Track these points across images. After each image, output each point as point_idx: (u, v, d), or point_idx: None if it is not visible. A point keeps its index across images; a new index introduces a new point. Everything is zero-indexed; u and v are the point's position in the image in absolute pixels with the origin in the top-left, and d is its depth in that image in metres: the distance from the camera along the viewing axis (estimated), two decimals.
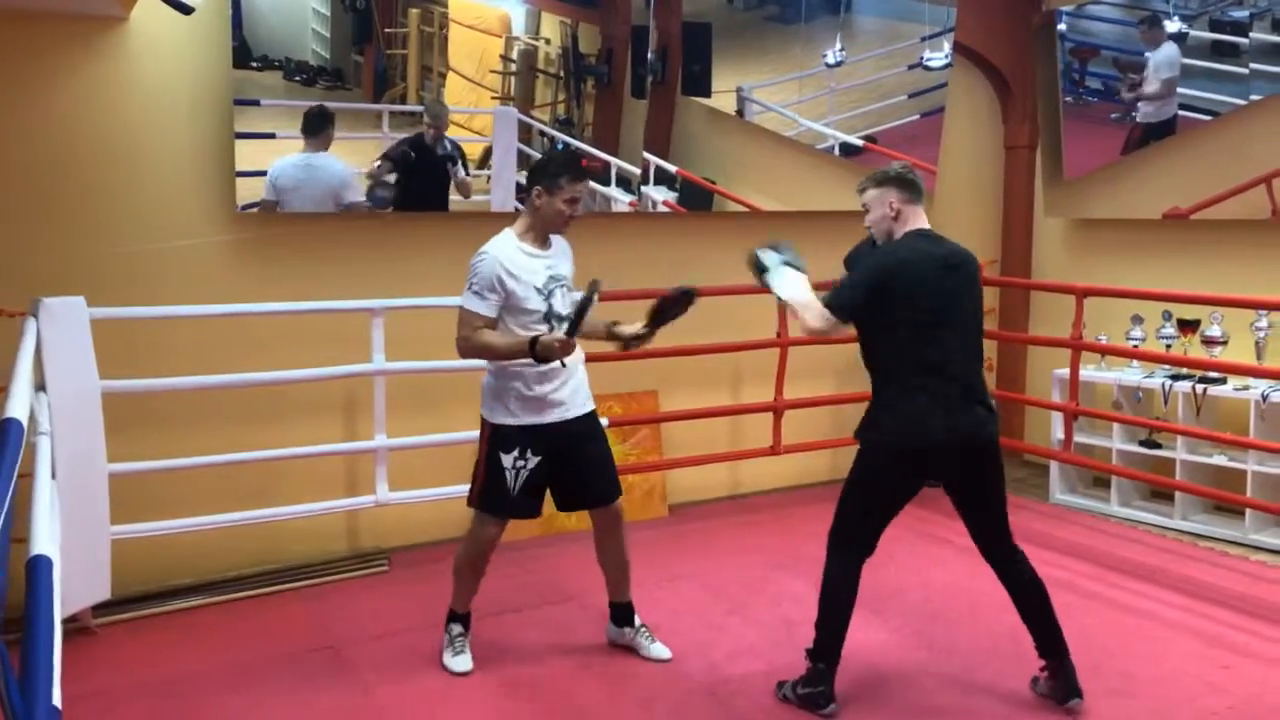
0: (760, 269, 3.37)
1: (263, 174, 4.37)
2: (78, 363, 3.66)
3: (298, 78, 4.45)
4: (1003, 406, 6.49)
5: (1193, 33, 5.36)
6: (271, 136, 4.42)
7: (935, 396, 3.10)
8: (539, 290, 3.43)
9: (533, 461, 3.45)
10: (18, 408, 2.08)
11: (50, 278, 3.85)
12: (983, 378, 3.23)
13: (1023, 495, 5.81)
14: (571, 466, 3.54)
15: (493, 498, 3.50)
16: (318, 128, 4.48)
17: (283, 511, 4.27)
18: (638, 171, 5.28)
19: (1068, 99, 6.02)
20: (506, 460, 3.45)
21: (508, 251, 3.42)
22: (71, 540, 3.64)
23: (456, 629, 3.69)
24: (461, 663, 3.62)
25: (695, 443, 5.45)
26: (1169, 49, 5.48)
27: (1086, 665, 3.58)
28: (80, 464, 3.67)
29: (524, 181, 3.96)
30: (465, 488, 4.57)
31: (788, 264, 3.34)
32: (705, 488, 5.63)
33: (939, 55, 5.88)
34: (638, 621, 3.78)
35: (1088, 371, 5.62)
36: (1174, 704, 3.35)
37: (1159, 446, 5.32)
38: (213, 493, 4.27)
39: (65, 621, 3.70)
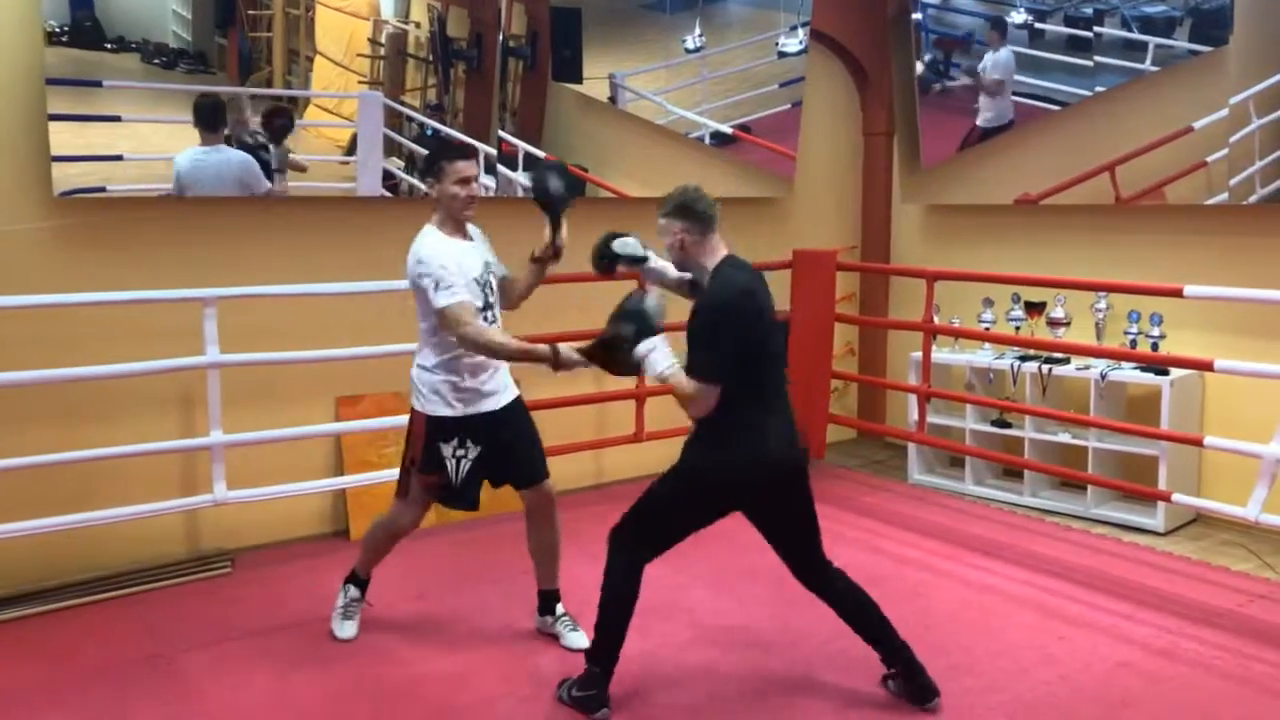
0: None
1: (109, 158, 4.16)
2: None
3: (157, 60, 4.26)
4: (863, 390, 6.67)
5: (1049, 27, 5.50)
6: (117, 119, 4.20)
7: (770, 428, 3.02)
8: (477, 281, 3.40)
9: (474, 451, 3.46)
10: None
11: None
12: (789, 399, 3.17)
13: (883, 477, 5.92)
14: (503, 450, 3.54)
15: (441, 489, 3.52)
16: (217, 122, 4.38)
17: (107, 515, 4.01)
18: (494, 152, 5.15)
19: (936, 87, 6.11)
20: (446, 450, 3.45)
21: (443, 245, 3.39)
22: None
23: (353, 591, 3.78)
24: (346, 629, 3.72)
25: (559, 431, 5.35)
26: (1005, 53, 5.63)
27: (933, 642, 3.65)
28: None
29: (389, 169, 4.57)
30: (312, 484, 4.51)
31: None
32: (569, 477, 5.53)
33: (794, 41, 5.92)
34: (559, 610, 3.75)
35: (942, 354, 5.74)
36: (1011, 676, 3.43)
37: (1009, 426, 5.47)
38: (30, 497, 3.99)
39: None
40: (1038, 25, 5.54)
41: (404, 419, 4.62)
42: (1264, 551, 4.56)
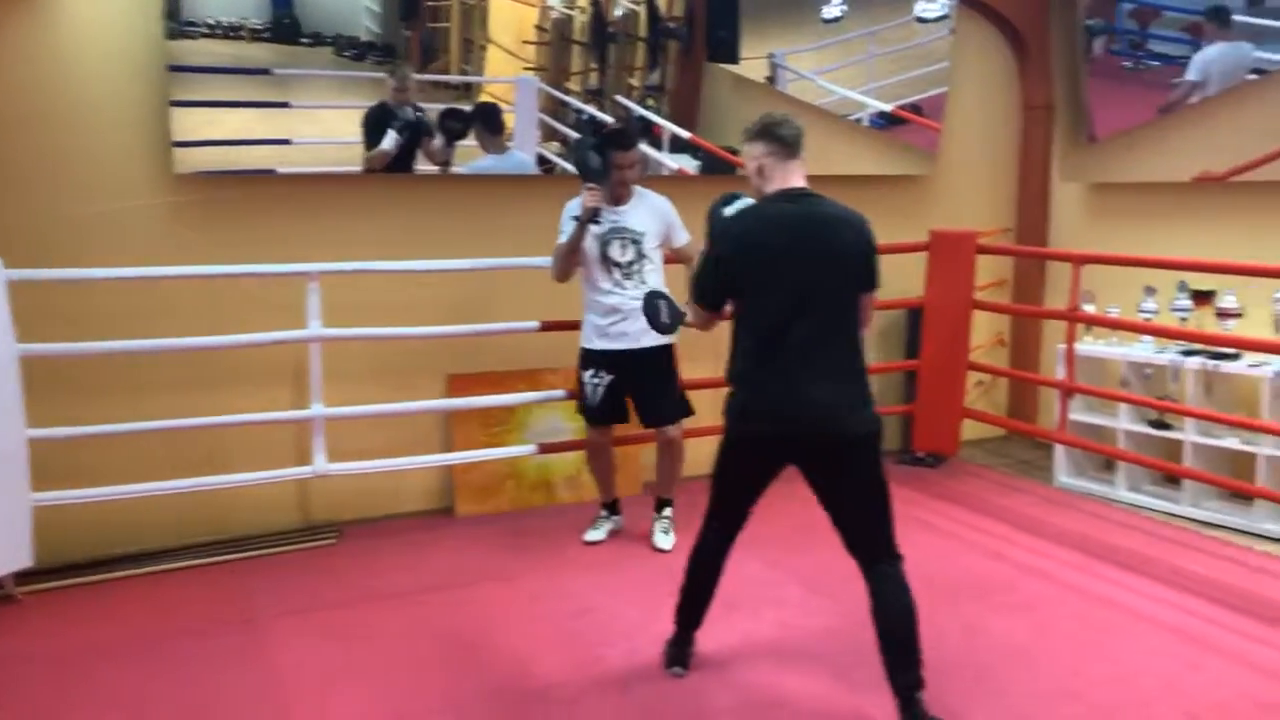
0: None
1: (275, 141, 4.43)
2: None
3: (348, 53, 4.52)
4: (1015, 385, 6.19)
5: None
6: (286, 105, 4.45)
7: (775, 378, 2.83)
8: (596, 238, 4.12)
9: (605, 379, 4.21)
10: None
11: None
12: (849, 360, 2.87)
13: (1026, 478, 5.47)
14: (636, 387, 4.27)
15: (582, 407, 4.35)
16: (498, 126, 4.80)
17: (218, 480, 4.14)
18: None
19: (1125, 64, 5.55)
20: (585, 376, 4.27)
21: (577, 202, 4.10)
22: None
23: (602, 512, 4.58)
24: (592, 534, 4.50)
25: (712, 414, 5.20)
26: (1215, 50, 5.04)
27: (1041, 662, 3.33)
28: None
29: (544, 153, 4.94)
30: (411, 459, 4.57)
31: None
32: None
33: (934, 6, 5.50)
34: (665, 512, 4.48)
35: (1097, 346, 5.24)
36: (1122, 706, 3.05)
37: (1169, 427, 4.93)
38: (153, 461, 4.19)
39: None
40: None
41: (514, 397, 4.67)
42: None
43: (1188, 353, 4.82)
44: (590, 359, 4.24)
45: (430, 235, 4.73)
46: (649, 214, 4.20)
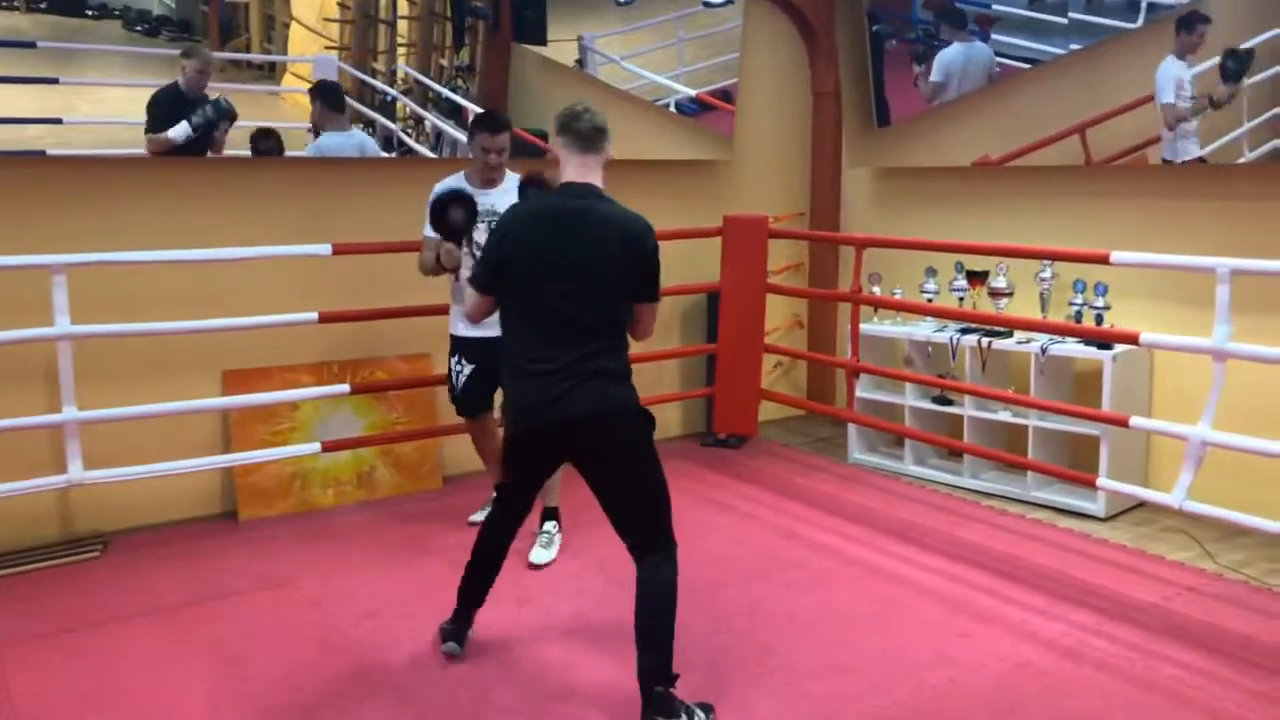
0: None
1: (46, 120, 4.13)
2: None
3: (139, 27, 4.28)
4: (811, 365, 6.34)
5: None
6: (55, 81, 4.14)
7: (540, 373, 2.80)
8: None
9: (468, 368, 4.10)
10: None
11: None
12: (604, 353, 2.82)
13: (823, 456, 5.60)
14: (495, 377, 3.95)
15: (450, 393, 4.25)
16: (342, 103, 4.68)
17: None
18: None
19: (919, 48, 5.71)
20: (451, 362, 4.17)
21: (449, 185, 4.01)
22: None
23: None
24: (476, 516, 4.37)
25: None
26: (954, 50, 5.33)
27: (819, 638, 3.39)
28: None
29: None
30: (183, 463, 4.25)
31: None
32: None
33: None
34: (548, 526, 4.17)
35: (884, 327, 5.42)
36: (896, 677, 3.12)
37: (950, 403, 5.14)
38: None
39: None
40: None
41: (295, 393, 4.44)
42: (1206, 539, 4.22)
43: (965, 331, 5.03)
44: (455, 345, 4.14)
45: (212, 225, 4.47)
46: (514, 197, 3.97)
